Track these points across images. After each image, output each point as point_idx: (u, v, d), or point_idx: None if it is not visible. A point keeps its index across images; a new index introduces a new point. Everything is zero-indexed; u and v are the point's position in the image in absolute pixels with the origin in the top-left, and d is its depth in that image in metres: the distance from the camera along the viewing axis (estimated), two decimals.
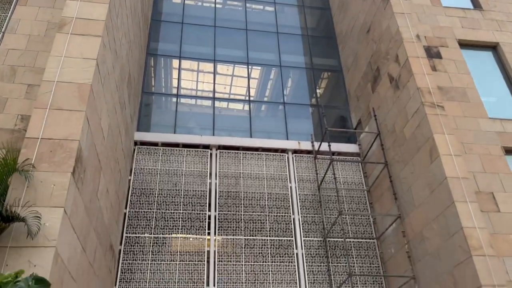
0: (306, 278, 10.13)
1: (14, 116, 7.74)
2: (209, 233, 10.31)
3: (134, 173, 10.75)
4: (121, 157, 9.24)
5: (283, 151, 11.92)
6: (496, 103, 10.80)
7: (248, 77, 13.55)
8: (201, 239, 10.24)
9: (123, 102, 9.15)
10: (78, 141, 6.01)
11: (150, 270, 9.60)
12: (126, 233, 9.89)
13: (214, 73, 13.37)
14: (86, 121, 6.37)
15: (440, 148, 8.64)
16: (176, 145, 11.40)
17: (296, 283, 10.04)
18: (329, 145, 10.92)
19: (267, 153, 11.83)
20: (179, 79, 13.11)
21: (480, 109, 10.28)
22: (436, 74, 10.47)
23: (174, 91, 13.00)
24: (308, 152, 12.00)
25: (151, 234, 10.02)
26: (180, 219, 10.36)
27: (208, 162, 11.35)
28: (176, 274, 9.67)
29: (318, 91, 13.97)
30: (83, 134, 6.20)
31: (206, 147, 11.54)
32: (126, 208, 10.17)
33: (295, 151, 11.96)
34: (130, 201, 10.32)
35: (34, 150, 5.79)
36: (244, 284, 9.82)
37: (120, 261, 9.52)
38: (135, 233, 9.95)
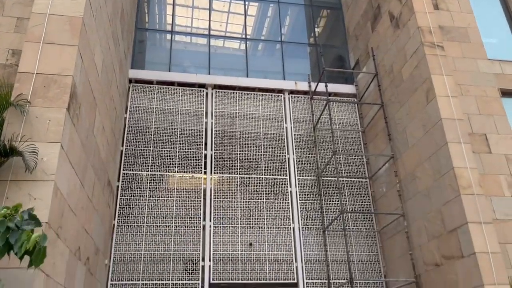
0: (299, 215, 10.47)
1: (4, 50, 7.54)
2: (205, 172, 10.49)
3: (129, 111, 10.72)
4: (116, 94, 9.16)
5: (280, 91, 11.84)
6: (496, 44, 10.60)
7: (245, 14, 13.14)
8: (197, 177, 10.43)
9: (116, 38, 8.92)
10: (71, 77, 5.92)
11: (148, 205, 9.86)
12: (123, 170, 10.04)
13: (210, 9, 12.93)
14: (79, 56, 6.24)
15: (437, 89, 8.61)
16: (171, 83, 11.28)
17: (289, 219, 10.39)
18: (326, 86, 10.84)
19: (263, 93, 11.76)
20: (173, 15, 12.70)
21: (480, 50, 10.11)
22: (438, 13, 10.17)
23: (169, 28, 12.65)
24: (305, 92, 11.93)
25: (148, 171, 10.19)
26: (177, 158, 10.49)
27: (204, 102, 11.30)
28: (173, 209, 9.96)
29: (316, 29, 13.62)
30: (76, 70, 6.10)
31: (202, 86, 11.43)
32: (122, 146, 10.24)
33: (291, 92, 11.89)
34: (127, 139, 10.38)
35: (27, 85, 5.72)
36: (239, 220, 10.16)
37: (118, 197, 9.76)
38: (132, 170, 10.10)
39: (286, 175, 10.88)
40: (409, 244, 9.16)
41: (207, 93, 11.41)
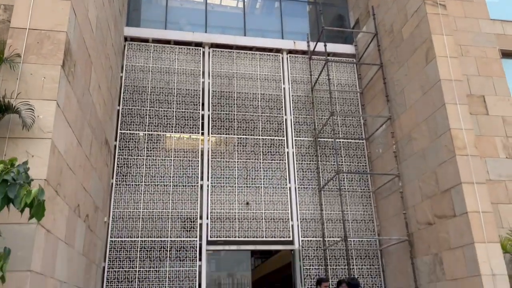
0: (296, 175, 10.59)
1: None
2: (202, 133, 10.50)
3: (125, 70, 10.59)
4: (111, 52, 9.01)
5: (278, 51, 11.68)
6: (499, 3, 10.38)
7: None
8: (195, 137, 10.45)
9: None
10: (65, 33, 5.80)
11: (145, 165, 9.93)
12: (120, 129, 10.04)
13: None
14: (73, 11, 6.09)
15: (437, 49, 8.50)
16: (167, 42, 11.08)
17: (286, 179, 10.51)
18: (325, 45, 10.67)
19: (261, 53, 11.59)
20: None
21: (482, 9, 9.91)
22: None
23: None
24: (303, 52, 11.77)
25: (145, 131, 10.19)
26: (174, 118, 10.46)
27: (201, 61, 11.14)
28: (171, 169, 10.04)
29: None
30: (70, 25, 5.96)
31: (199, 45, 11.24)
32: (119, 105, 10.19)
33: (290, 51, 11.72)
34: (123, 98, 10.31)
35: (20, 41, 5.61)
36: (236, 180, 10.28)
37: (116, 156, 9.81)
38: (129, 130, 10.10)
39: (283, 136, 10.91)
40: (403, 204, 9.33)
41: (204, 52, 11.24)
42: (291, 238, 10.04)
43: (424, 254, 8.57)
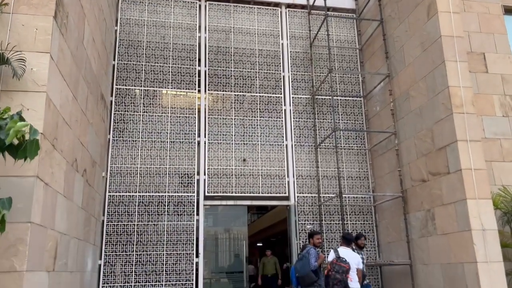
0: (293, 133, 10.61)
1: None
2: (199, 90, 10.40)
3: (120, 23, 10.33)
4: (104, 4, 8.75)
5: (276, 5, 11.37)
6: None
7: None
8: (191, 94, 10.37)
9: None
10: None
11: (142, 121, 9.91)
12: (116, 85, 9.93)
13: None
14: None
15: (439, 4, 8.28)
16: None
17: (282, 136, 10.55)
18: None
19: (259, 6, 11.29)
20: None
21: None
22: None
23: None
24: (302, 7, 11.47)
25: (141, 87, 10.08)
26: (170, 73, 10.33)
27: (197, 15, 10.87)
28: (168, 125, 10.03)
29: None
30: None
31: None
32: (114, 60, 10.02)
33: (288, 6, 11.42)
34: (118, 52, 10.12)
35: None
36: (233, 137, 10.30)
37: (112, 112, 9.76)
38: (125, 85, 9.99)
39: (281, 94, 10.83)
40: (398, 161, 9.43)
41: (200, 5, 10.94)
42: (287, 194, 10.20)
43: (417, 210, 8.76)
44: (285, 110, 10.74)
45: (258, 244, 23.52)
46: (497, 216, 8.18)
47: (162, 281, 9.01)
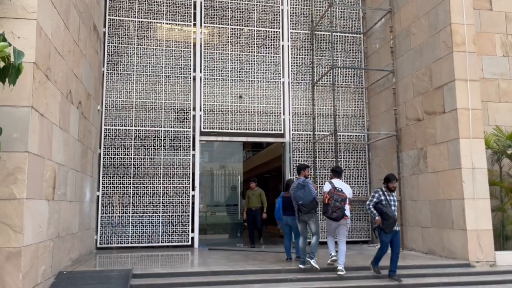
0: (290, 69, 10.47)
1: None
2: (195, 24, 10.09)
3: None
4: None
5: None
6: None
7: None
8: (187, 27, 10.06)
9: None
10: None
11: (136, 54, 9.69)
12: (109, 15, 9.59)
13: None
14: None
15: None
16: None
17: (279, 73, 10.41)
18: None
19: None
20: None
21: None
22: None
23: None
24: None
25: (135, 18, 9.75)
26: (165, 4, 9.95)
27: None
28: (163, 59, 9.84)
29: None
30: None
31: None
32: None
33: None
34: None
35: None
36: (229, 72, 10.16)
37: (106, 44, 9.51)
38: (118, 16, 9.65)
39: (279, 28, 10.54)
40: (395, 100, 9.42)
41: None
42: (282, 132, 10.27)
43: (410, 148, 8.89)
44: (283, 45, 10.51)
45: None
46: (488, 155, 8.34)
47: (159, 213, 9.29)
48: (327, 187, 6.71)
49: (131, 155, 9.35)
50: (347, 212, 6.59)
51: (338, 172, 7.13)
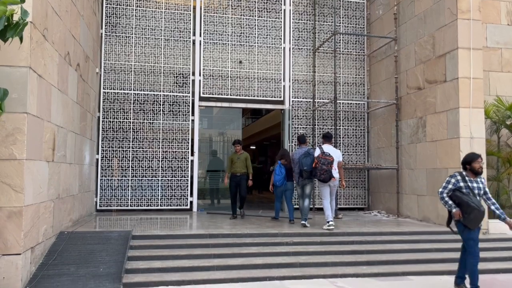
0: (291, 35, 10.31)
1: None
2: None
3: None
4: None
5: None
6: None
7: None
8: None
9: None
10: None
11: (135, 16, 9.51)
12: None
13: None
14: None
15: None
16: None
17: (280, 38, 10.26)
18: None
19: None
20: None
21: None
22: None
23: None
24: None
25: None
26: None
27: None
28: (162, 22, 9.66)
29: None
30: None
31: None
32: None
33: None
34: None
35: None
36: (230, 36, 10.00)
37: (104, 5, 9.32)
38: None
39: None
40: (396, 68, 9.33)
41: None
42: (282, 98, 10.22)
43: (410, 117, 8.89)
44: (284, 10, 10.31)
45: (251, 147, 24.16)
46: (487, 125, 8.35)
47: (158, 177, 9.38)
48: (317, 152, 7.40)
49: (130, 119, 9.34)
50: (335, 174, 7.30)
51: (328, 137, 7.81)
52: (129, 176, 9.26)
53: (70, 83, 6.61)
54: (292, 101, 10.24)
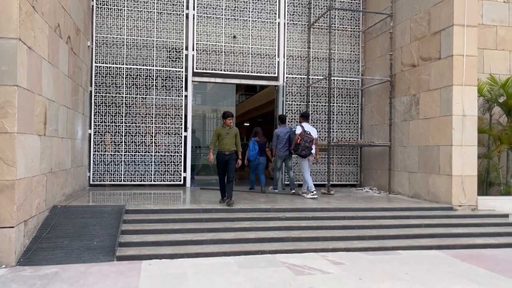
0: (286, 10, 10.17)
1: None
2: None
3: None
4: None
5: None
6: None
7: None
8: None
9: None
10: None
11: None
12: None
13: None
14: None
15: None
16: None
17: (275, 13, 10.12)
18: None
19: None
20: None
21: None
22: None
23: None
24: None
25: None
26: None
27: None
28: None
29: None
30: None
31: None
32: None
33: None
34: None
35: None
36: (224, 11, 9.84)
37: None
38: None
39: None
40: (391, 45, 9.28)
41: None
42: (276, 75, 10.15)
43: (403, 94, 8.89)
44: None
45: (245, 124, 24.14)
46: (480, 103, 8.39)
47: (152, 152, 9.37)
48: (298, 130, 8.13)
49: (123, 94, 9.25)
50: (313, 151, 8.23)
51: (306, 116, 8.55)
52: (122, 151, 9.24)
53: (61, 56, 6.51)
54: (286, 77, 10.18)
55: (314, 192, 8.06)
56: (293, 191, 8.61)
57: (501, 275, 4.66)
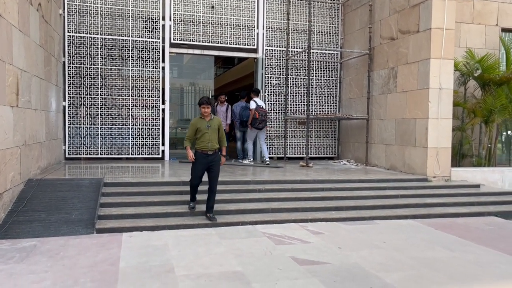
0: None
1: None
2: None
3: None
4: None
5: None
6: None
7: None
8: None
9: None
10: None
11: None
12: None
13: None
14: None
15: None
16: None
17: None
18: None
19: None
20: None
21: None
22: None
23: None
24: None
25: None
26: None
27: None
28: None
29: None
30: None
31: None
32: None
33: None
34: None
35: None
36: None
37: None
38: None
39: None
40: (370, 18, 9.26)
41: None
42: (255, 47, 10.03)
43: (381, 67, 8.95)
44: None
45: None
46: (456, 77, 8.53)
47: (129, 125, 9.21)
48: (253, 105, 8.89)
49: (98, 65, 8.98)
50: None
51: (257, 92, 9.24)
52: (98, 124, 9.05)
53: (32, 23, 6.23)
54: (266, 49, 10.07)
55: (252, 160, 9.40)
56: (252, 160, 9.46)
57: (472, 242, 4.85)
